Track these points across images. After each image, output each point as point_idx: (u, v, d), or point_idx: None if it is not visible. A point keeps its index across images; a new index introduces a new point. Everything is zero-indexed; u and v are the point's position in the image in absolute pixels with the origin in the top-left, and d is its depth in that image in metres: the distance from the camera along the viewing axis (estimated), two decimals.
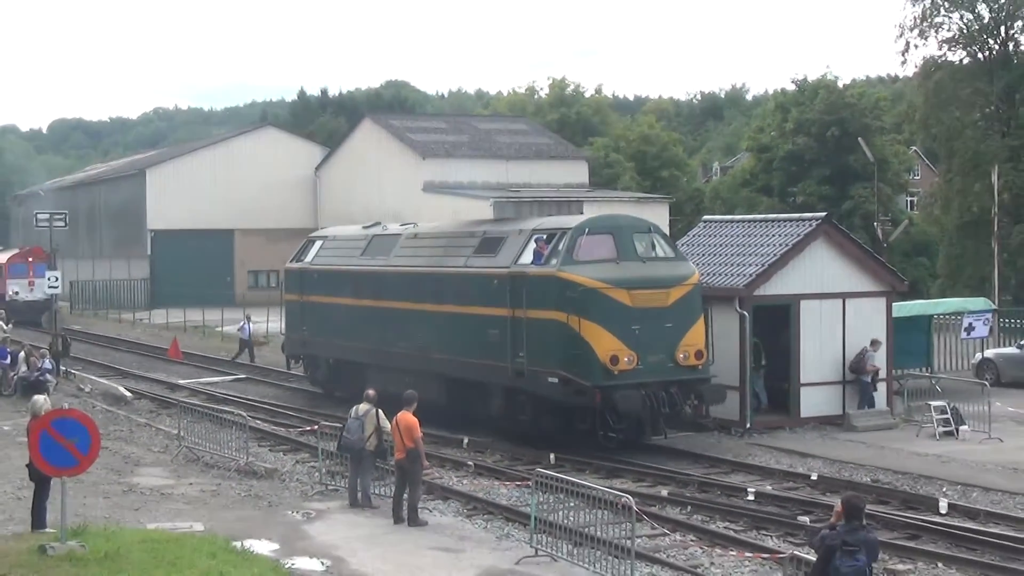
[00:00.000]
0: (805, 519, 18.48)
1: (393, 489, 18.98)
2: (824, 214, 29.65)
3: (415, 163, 63.62)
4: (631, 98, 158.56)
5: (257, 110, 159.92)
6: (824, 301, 27.32)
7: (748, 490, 20.74)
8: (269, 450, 25.75)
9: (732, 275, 26.98)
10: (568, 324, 23.27)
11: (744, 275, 26.85)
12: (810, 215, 30.02)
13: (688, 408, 23.84)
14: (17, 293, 60.12)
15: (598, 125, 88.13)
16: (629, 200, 59.81)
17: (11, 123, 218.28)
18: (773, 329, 27.13)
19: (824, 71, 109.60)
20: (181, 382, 37.89)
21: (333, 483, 21.57)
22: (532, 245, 24.83)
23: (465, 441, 25.78)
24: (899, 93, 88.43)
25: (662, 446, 24.50)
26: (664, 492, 21.01)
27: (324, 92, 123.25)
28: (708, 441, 25.31)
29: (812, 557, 10.97)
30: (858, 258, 28.19)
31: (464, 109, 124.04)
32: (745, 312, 26.44)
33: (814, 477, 21.85)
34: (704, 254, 28.64)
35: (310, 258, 34.01)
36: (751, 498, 20.39)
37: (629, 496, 15.39)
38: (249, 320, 44.50)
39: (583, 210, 29.79)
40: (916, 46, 60.68)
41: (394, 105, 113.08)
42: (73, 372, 38.14)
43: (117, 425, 29.09)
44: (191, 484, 22.02)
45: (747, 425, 26.35)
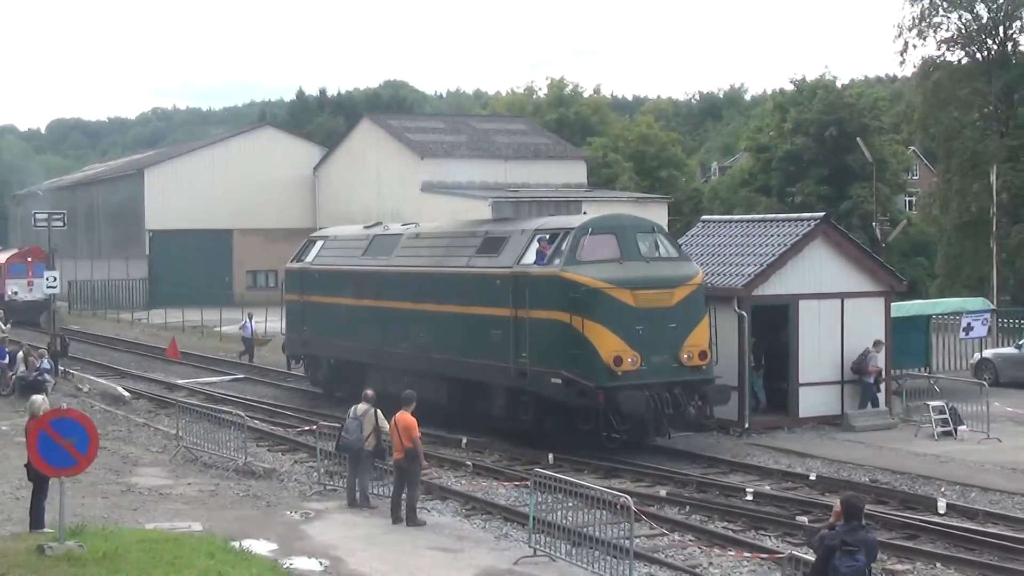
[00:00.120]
0: (804, 519, 18.48)
1: (391, 489, 18.98)
2: (822, 214, 29.66)
3: (413, 163, 63.61)
4: (630, 98, 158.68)
5: (255, 110, 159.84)
6: (823, 301, 27.33)
7: (747, 490, 20.74)
8: (267, 450, 25.76)
9: (731, 275, 26.99)
10: (571, 324, 23.22)
11: (743, 275, 26.86)
12: (808, 215, 30.03)
13: (692, 409, 23.79)
14: (16, 293, 60.14)
15: (596, 125, 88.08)
16: (628, 200, 59.78)
17: (9, 123, 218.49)
18: (772, 329, 27.16)
19: (823, 71, 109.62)
20: (179, 382, 37.91)
21: (331, 483, 21.57)
22: (535, 245, 24.77)
23: (464, 441, 25.77)
24: (897, 93, 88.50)
25: (660, 446, 24.50)
26: (662, 492, 21.01)
27: (322, 92, 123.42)
28: (707, 441, 25.31)
29: (811, 557, 10.97)
30: (856, 258, 28.20)
31: (462, 109, 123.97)
32: (744, 312, 26.45)
33: (813, 477, 21.86)
34: (703, 254, 28.61)
35: (311, 258, 33.93)
36: (749, 498, 20.38)
37: (627, 496, 15.39)
38: (251, 319, 44.50)
39: (582, 210, 29.75)
40: (915, 46, 60.76)
41: (392, 105, 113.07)
42: (71, 372, 38.17)
43: (115, 425, 29.10)
44: (189, 484, 22.02)
45: (746, 425, 26.36)
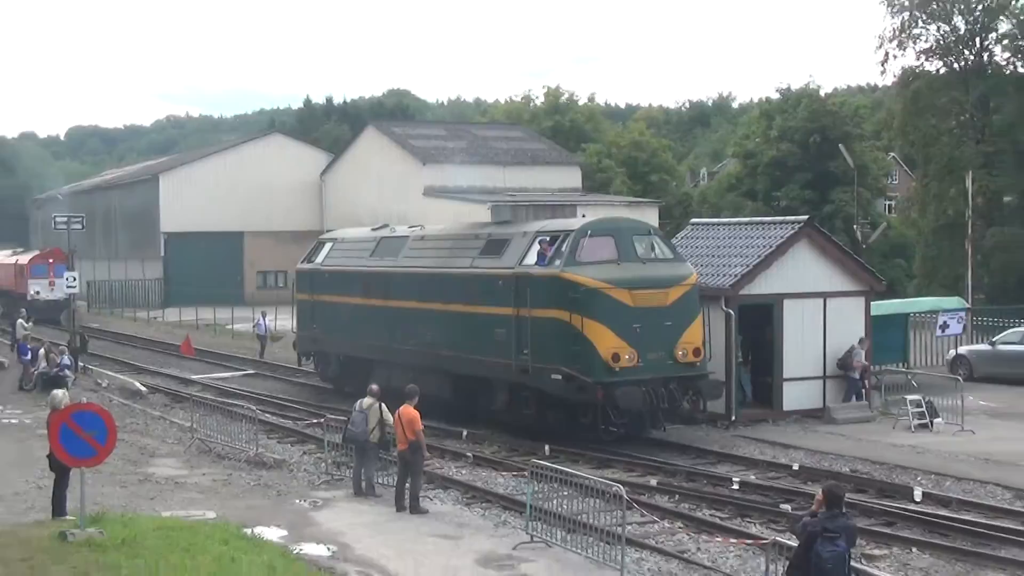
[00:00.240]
0: (787, 507, 18.50)
1: (396, 479, 19.00)
2: (806, 217, 29.69)
3: (416, 168, 63.62)
4: (622, 106, 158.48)
5: (265, 117, 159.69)
6: (806, 300, 27.37)
7: (733, 480, 20.76)
8: (277, 442, 25.74)
9: (719, 275, 27.04)
10: (571, 323, 23.21)
11: (730, 275, 26.91)
12: (793, 218, 30.04)
13: (686, 403, 23.79)
14: (38, 293, 60.18)
15: (591, 132, 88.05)
16: (620, 204, 59.74)
17: (30, 130, 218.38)
18: (757, 327, 27.21)
19: (807, 80, 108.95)
20: (193, 377, 37.89)
21: (338, 473, 21.61)
22: (536, 247, 24.74)
23: (464, 433, 25.78)
24: (878, 102, 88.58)
25: (652, 438, 24.51)
26: (653, 482, 21.02)
27: (329, 100, 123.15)
28: (695, 433, 25.33)
29: (794, 543, 11.03)
30: (838, 259, 28.25)
31: (463, 117, 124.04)
32: (731, 311, 26.50)
33: (796, 467, 21.89)
34: (692, 256, 28.58)
35: (321, 259, 33.87)
36: (736, 487, 20.40)
37: (620, 485, 15.44)
38: (264, 317, 44.48)
39: (576, 213, 29.80)
40: (895, 56, 60.91)
41: (396, 113, 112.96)
42: (91, 368, 38.19)
43: (133, 418, 29.12)
44: (204, 474, 22.06)
45: (733, 418, 26.41)
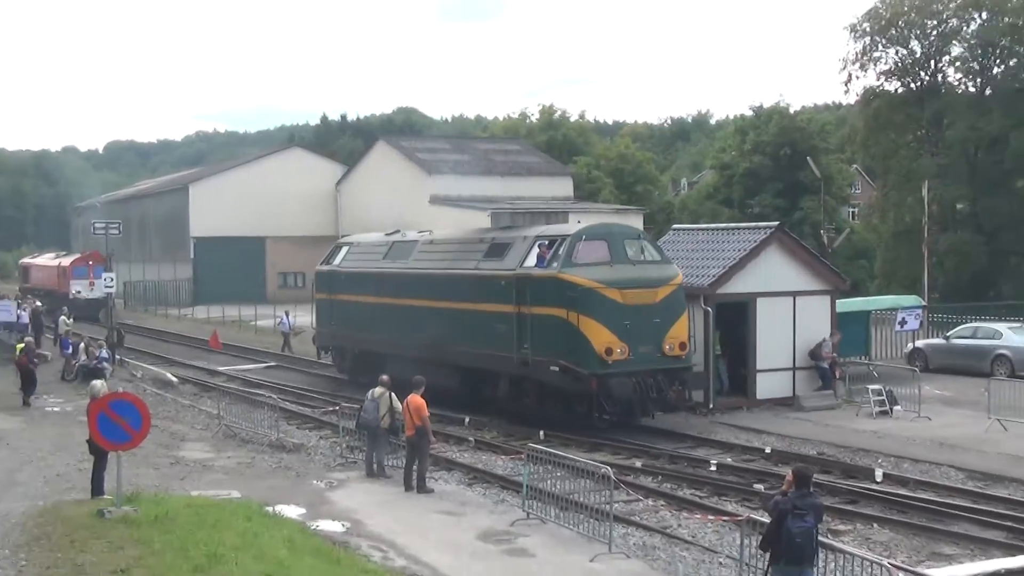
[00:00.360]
0: (760, 487, 18.53)
1: (404, 461, 19.00)
2: (777, 223, 29.62)
3: (423, 179, 63.54)
4: (610, 122, 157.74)
5: (285, 133, 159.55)
6: (777, 299, 27.32)
7: (711, 462, 20.78)
8: (297, 428, 25.70)
9: (698, 276, 27.00)
10: (568, 319, 23.17)
11: (708, 276, 26.88)
12: (765, 224, 30.05)
13: (673, 393, 23.78)
14: (79, 292, 60.17)
15: (581, 146, 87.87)
16: (608, 211, 59.65)
17: (71, 144, 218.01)
18: (733, 323, 27.16)
19: (777, 99, 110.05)
20: (220, 369, 37.86)
21: (352, 456, 21.60)
22: (535, 250, 24.70)
23: (466, 420, 25.76)
24: (842, 118, 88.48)
25: (640, 424, 24.49)
26: (638, 464, 21.04)
27: (343, 117, 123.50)
28: (677, 420, 25.31)
29: (766, 519, 11.02)
30: (806, 261, 28.22)
31: (465, 132, 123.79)
32: (709, 308, 26.48)
33: (768, 451, 21.90)
34: (674, 258, 28.51)
35: (338, 261, 33.80)
36: (713, 469, 20.42)
37: (608, 467, 15.41)
38: (288, 314, 44.37)
39: (568, 219, 29.72)
40: (857, 77, 61.07)
41: (404, 129, 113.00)
42: (126, 360, 38.15)
43: (165, 406, 29.08)
44: (229, 457, 22.05)
45: (711, 406, 26.37)
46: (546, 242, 24.68)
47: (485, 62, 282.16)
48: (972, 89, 59.28)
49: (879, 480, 19.23)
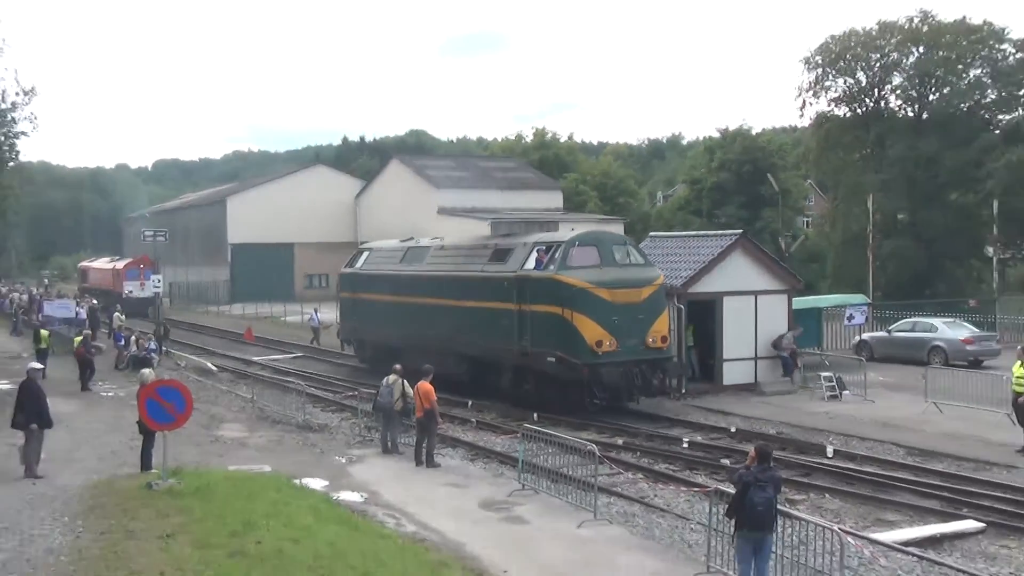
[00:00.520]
0: (726, 462, 18.51)
1: (415, 440, 18.99)
2: (740, 231, 29.64)
3: (431, 192, 63.52)
4: (595, 143, 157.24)
5: (311, 152, 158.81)
6: (741, 297, 27.34)
7: (683, 440, 20.76)
8: (321, 410, 25.66)
9: (672, 277, 26.98)
10: (563, 316, 23.13)
11: (681, 277, 26.88)
12: (730, 232, 30.01)
13: (655, 381, 23.73)
14: (131, 292, 60.31)
15: (570, 163, 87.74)
16: (594, 220, 59.52)
17: (123, 161, 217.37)
18: (703, 318, 27.16)
19: (741, 122, 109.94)
20: (254, 359, 37.82)
21: (369, 435, 21.57)
22: (534, 255, 24.67)
23: (469, 403, 25.74)
24: (798, 139, 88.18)
25: (620, 407, 24.49)
26: (620, 441, 21.02)
27: (362, 138, 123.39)
28: (653, 403, 25.26)
29: (732, 491, 11.01)
30: (767, 264, 28.23)
31: (468, 151, 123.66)
32: (682, 306, 26.48)
33: (733, 430, 21.88)
34: (652, 262, 28.59)
35: (359, 264, 33.80)
36: (685, 446, 20.40)
37: (593, 444, 15.40)
38: (317, 311, 44.27)
39: (559, 228, 29.71)
40: (811, 103, 60.91)
41: (415, 148, 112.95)
42: (172, 351, 38.10)
43: (205, 391, 29.01)
44: (261, 436, 22.00)
45: (683, 391, 26.38)
46: (543, 247, 24.65)
47: (486, 90, 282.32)
48: (911, 114, 59.23)
49: (830, 456, 19.23)
